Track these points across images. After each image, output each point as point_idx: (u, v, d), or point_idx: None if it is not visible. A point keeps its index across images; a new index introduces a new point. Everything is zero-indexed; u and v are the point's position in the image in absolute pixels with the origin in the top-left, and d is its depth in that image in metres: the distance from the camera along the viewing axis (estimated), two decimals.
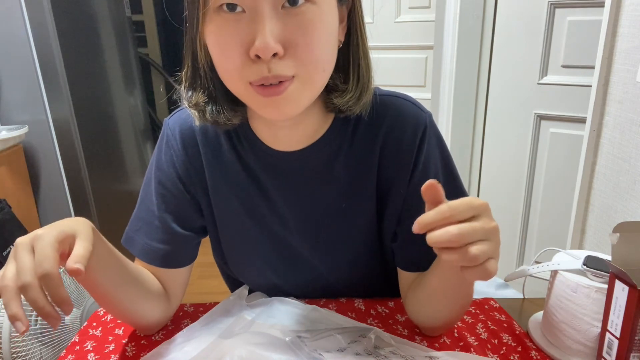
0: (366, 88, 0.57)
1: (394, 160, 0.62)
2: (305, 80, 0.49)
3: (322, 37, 0.48)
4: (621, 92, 1.08)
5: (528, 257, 1.76)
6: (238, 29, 0.46)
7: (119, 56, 2.26)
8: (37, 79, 1.71)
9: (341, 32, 0.54)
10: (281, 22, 0.46)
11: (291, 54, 0.47)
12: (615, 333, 0.54)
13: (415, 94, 0.67)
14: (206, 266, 2.04)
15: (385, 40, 2.07)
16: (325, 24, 0.48)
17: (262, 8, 0.45)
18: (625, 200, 1.07)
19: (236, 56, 0.47)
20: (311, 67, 0.49)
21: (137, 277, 0.62)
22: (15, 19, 1.63)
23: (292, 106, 0.51)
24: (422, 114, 0.63)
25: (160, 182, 0.66)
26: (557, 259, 0.65)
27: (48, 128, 1.77)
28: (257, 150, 0.63)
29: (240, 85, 0.50)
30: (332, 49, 0.52)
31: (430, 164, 0.63)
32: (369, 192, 0.65)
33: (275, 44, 0.45)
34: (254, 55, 0.46)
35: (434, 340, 0.65)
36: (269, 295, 0.73)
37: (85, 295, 0.81)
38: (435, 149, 0.63)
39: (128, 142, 2.32)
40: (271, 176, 0.64)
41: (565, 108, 1.54)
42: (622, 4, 1.06)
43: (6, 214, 1.45)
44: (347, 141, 0.63)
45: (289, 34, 0.46)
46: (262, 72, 0.47)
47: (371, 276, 0.74)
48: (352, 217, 0.66)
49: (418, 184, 0.59)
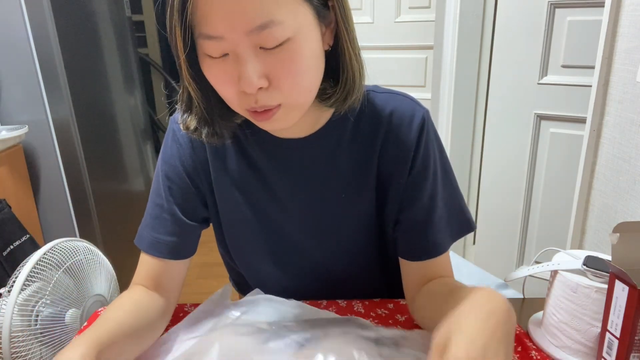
0: (352, 90, 0.58)
1: (394, 153, 0.65)
2: (291, 106, 0.54)
3: (303, 66, 0.51)
4: (621, 92, 1.08)
5: (528, 257, 1.75)
6: (226, 70, 0.50)
7: (119, 56, 2.26)
8: (37, 79, 1.71)
9: (329, 36, 0.55)
10: (262, 60, 0.49)
11: (276, 85, 0.51)
12: (615, 333, 0.54)
13: (415, 94, 0.69)
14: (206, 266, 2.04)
15: (385, 40, 2.07)
16: (305, 53, 0.51)
17: (242, 52, 0.48)
18: (625, 200, 1.07)
19: (230, 90, 0.52)
20: (295, 94, 0.53)
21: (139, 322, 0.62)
22: (15, 19, 1.63)
23: (283, 123, 0.56)
24: (420, 109, 0.65)
25: (168, 176, 0.68)
26: (557, 259, 0.65)
27: (48, 128, 1.77)
28: (259, 138, 0.65)
29: (240, 110, 0.55)
30: (317, 70, 0.55)
31: (429, 156, 0.65)
32: (369, 183, 0.67)
33: (259, 79, 0.49)
34: (242, 91, 0.50)
35: None
36: (269, 288, 0.73)
37: (85, 295, 0.81)
38: (433, 142, 0.66)
39: (128, 142, 2.31)
40: (272, 165, 0.66)
41: (565, 108, 1.54)
42: (622, 4, 1.06)
43: (6, 214, 1.45)
44: (349, 133, 0.65)
45: (271, 69, 0.50)
46: (250, 103, 0.52)
47: (370, 269, 0.76)
48: (352, 208, 0.68)
49: (417, 174, 0.64)
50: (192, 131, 0.60)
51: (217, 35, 0.47)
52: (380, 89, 0.67)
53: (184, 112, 0.60)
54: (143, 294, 0.67)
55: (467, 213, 0.70)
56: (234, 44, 0.48)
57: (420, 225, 0.66)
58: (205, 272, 2.09)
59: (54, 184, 1.83)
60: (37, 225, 1.83)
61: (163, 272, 0.68)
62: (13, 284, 0.73)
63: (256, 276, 0.77)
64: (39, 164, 1.81)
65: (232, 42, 0.48)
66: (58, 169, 1.82)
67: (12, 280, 0.74)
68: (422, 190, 0.65)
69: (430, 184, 0.65)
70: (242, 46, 0.48)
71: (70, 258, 0.81)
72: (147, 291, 0.68)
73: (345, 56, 0.56)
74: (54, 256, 0.79)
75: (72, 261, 0.81)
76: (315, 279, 0.74)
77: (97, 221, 1.92)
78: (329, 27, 0.55)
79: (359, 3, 2.08)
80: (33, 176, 1.80)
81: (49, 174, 1.83)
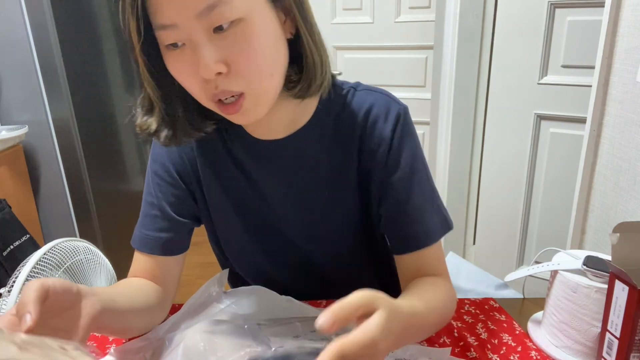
0: (314, 77, 0.59)
1: (372, 148, 0.65)
2: (255, 94, 0.54)
3: (258, 47, 0.52)
4: (621, 92, 1.08)
5: (528, 257, 1.75)
6: (186, 60, 0.51)
7: (119, 56, 2.26)
8: (37, 79, 1.71)
9: (290, 25, 0.56)
10: (217, 44, 0.50)
11: (235, 70, 0.51)
12: (615, 333, 0.54)
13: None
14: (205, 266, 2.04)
15: (385, 40, 2.07)
16: (260, 34, 0.52)
17: (197, 38, 0.50)
18: (625, 200, 1.07)
19: (194, 82, 0.53)
20: (256, 77, 0.53)
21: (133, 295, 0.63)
22: (16, 19, 1.63)
23: (253, 114, 0.56)
24: (396, 105, 0.66)
25: (157, 174, 0.69)
26: (557, 259, 0.65)
27: (48, 128, 1.77)
28: (243, 140, 0.67)
29: (210, 104, 0.55)
30: (276, 52, 0.55)
31: (403, 150, 0.65)
32: (351, 181, 0.67)
33: (215, 64, 0.50)
34: (202, 78, 0.51)
35: (434, 340, 0.65)
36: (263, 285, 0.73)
37: None
38: (408, 137, 0.66)
39: (128, 142, 2.32)
40: (257, 165, 0.67)
41: (565, 108, 1.54)
42: (622, 4, 1.06)
43: (6, 214, 1.45)
44: (329, 132, 0.66)
45: (227, 52, 0.50)
46: (212, 89, 0.52)
47: (361, 269, 0.76)
48: (335, 206, 0.69)
49: (392, 168, 0.64)
50: (152, 134, 0.60)
51: (169, 23, 0.49)
52: (360, 87, 0.67)
53: (144, 115, 0.60)
54: (142, 280, 0.69)
55: (444, 211, 0.69)
56: (187, 30, 0.49)
57: (401, 217, 0.65)
58: (205, 272, 2.09)
59: (54, 184, 1.83)
60: (37, 225, 1.83)
61: (155, 268, 0.69)
62: (13, 284, 0.73)
63: (250, 274, 0.78)
64: (39, 164, 1.81)
65: (185, 29, 0.49)
66: (58, 169, 1.83)
67: (12, 280, 0.74)
68: (398, 182, 0.65)
69: (407, 176, 0.65)
70: (195, 31, 0.49)
71: (70, 258, 0.81)
72: (145, 279, 0.69)
73: (303, 42, 0.57)
74: (54, 256, 0.79)
75: (72, 261, 0.81)
76: (308, 278, 0.75)
77: (97, 221, 1.92)
78: (289, 16, 0.56)
79: (359, 3, 2.08)
80: (33, 176, 1.80)
81: (49, 174, 1.83)
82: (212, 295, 0.70)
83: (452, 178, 1.88)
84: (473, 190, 1.89)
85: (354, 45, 2.15)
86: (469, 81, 1.77)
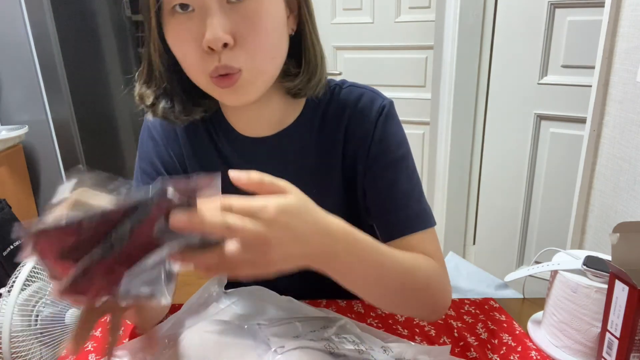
0: (315, 72, 0.61)
1: (355, 142, 0.66)
2: (253, 73, 0.54)
3: (267, 26, 0.53)
4: (621, 92, 1.08)
5: (528, 257, 1.75)
6: (191, 27, 0.51)
7: (119, 56, 2.26)
8: (37, 79, 1.71)
9: (292, 21, 0.58)
10: (228, 15, 0.50)
11: (241, 44, 0.51)
12: (615, 333, 0.54)
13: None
14: None
15: (385, 40, 2.07)
16: (270, 14, 0.53)
17: (210, 5, 0.50)
18: (625, 200, 1.07)
19: (193, 51, 0.52)
20: (260, 55, 0.53)
21: None
22: (16, 19, 1.63)
23: (247, 92, 0.56)
24: (380, 99, 0.66)
25: (145, 171, 0.69)
26: (557, 259, 0.65)
27: (48, 128, 1.77)
28: (231, 137, 0.67)
29: (202, 78, 0.54)
30: (280, 37, 0.56)
31: (386, 140, 0.65)
32: (336, 177, 0.68)
33: (224, 34, 0.50)
34: (207, 47, 0.50)
35: (434, 340, 0.65)
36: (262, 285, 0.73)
37: None
38: (392, 129, 0.66)
39: (128, 142, 2.32)
40: (243, 162, 0.68)
41: (565, 108, 1.54)
42: (622, 4, 1.06)
43: (6, 214, 1.45)
44: (316, 130, 0.66)
45: (236, 25, 0.51)
46: (214, 62, 0.52)
47: None
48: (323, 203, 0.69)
49: (375, 157, 0.64)
50: (149, 106, 0.61)
51: None
52: (346, 84, 0.68)
53: (142, 85, 0.61)
54: None
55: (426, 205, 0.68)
56: None
57: (387, 203, 0.65)
58: None
59: (54, 184, 1.83)
60: None
61: None
62: (13, 284, 0.73)
63: None
64: (39, 164, 1.81)
65: None
66: (58, 169, 1.83)
67: (12, 280, 0.74)
68: (382, 170, 0.65)
69: (391, 164, 0.65)
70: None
71: None
72: None
73: (307, 38, 0.59)
74: None
75: None
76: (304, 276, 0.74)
77: None
78: (293, 13, 0.58)
79: (359, 3, 2.08)
80: (33, 176, 1.81)
81: (49, 174, 1.83)
82: (212, 295, 0.70)
83: (452, 178, 1.88)
84: (473, 190, 1.89)
85: (354, 45, 2.14)
86: (469, 81, 1.77)
